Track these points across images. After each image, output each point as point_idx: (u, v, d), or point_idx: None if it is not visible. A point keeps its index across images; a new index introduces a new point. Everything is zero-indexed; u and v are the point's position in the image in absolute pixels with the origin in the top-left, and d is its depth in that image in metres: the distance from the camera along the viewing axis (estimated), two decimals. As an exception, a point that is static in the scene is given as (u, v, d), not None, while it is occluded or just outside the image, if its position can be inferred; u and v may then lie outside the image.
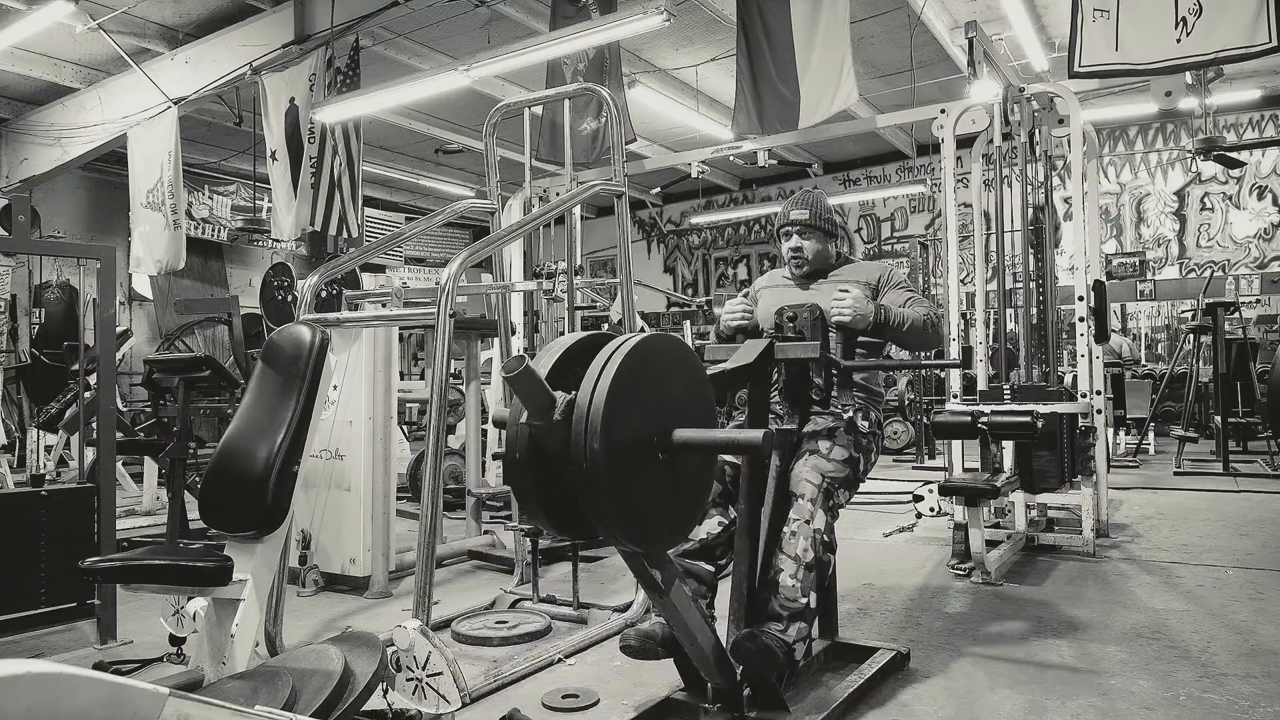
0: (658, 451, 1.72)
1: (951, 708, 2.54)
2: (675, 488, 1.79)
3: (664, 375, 1.78)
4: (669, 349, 1.83)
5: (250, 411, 2.21)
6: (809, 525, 2.42)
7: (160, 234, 7.96)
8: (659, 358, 1.77)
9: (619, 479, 1.63)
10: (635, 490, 1.68)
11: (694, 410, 1.84)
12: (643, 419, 1.70)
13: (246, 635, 2.02)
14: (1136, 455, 8.21)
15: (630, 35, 5.49)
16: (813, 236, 2.95)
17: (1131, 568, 4.16)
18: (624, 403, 1.64)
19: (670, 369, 1.81)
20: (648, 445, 1.70)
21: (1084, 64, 4.41)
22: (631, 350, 1.69)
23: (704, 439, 1.77)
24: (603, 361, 1.68)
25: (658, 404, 1.75)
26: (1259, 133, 10.69)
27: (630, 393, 1.66)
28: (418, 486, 6.09)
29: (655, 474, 1.73)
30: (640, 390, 1.69)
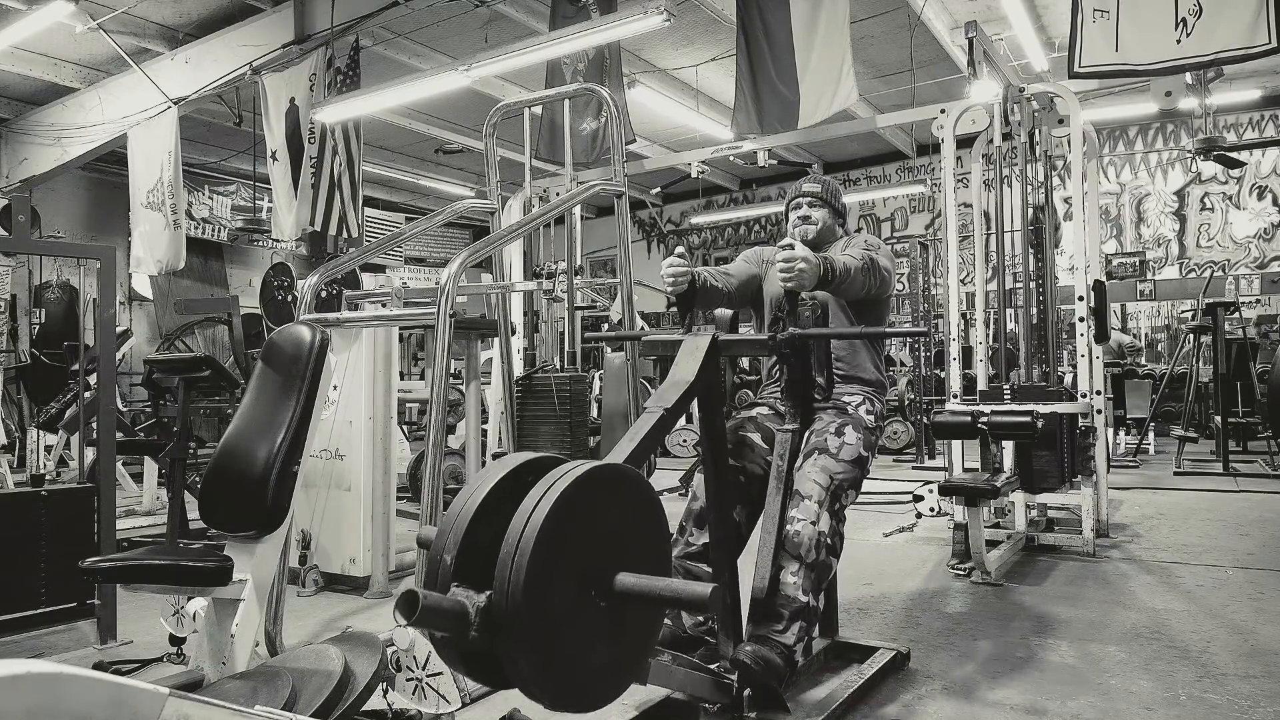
0: (598, 600, 1.49)
1: (951, 707, 2.54)
2: (617, 635, 1.54)
3: (606, 513, 1.52)
4: (611, 482, 1.56)
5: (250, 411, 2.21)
6: (814, 527, 2.41)
7: (160, 234, 7.97)
8: (599, 497, 1.51)
9: (550, 658, 1.42)
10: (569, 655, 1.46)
11: (643, 545, 1.59)
12: (579, 572, 1.47)
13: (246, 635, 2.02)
14: (1136, 455, 8.21)
15: (630, 35, 5.50)
16: (822, 208, 2.94)
17: (1131, 568, 4.16)
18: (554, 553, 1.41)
19: (613, 505, 1.55)
20: (585, 599, 1.47)
21: (1084, 64, 4.41)
22: (561, 496, 1.43)
23: (646, 590, 1.50)
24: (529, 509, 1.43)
25: (598, 549, 1.51)
26: (1259, 133, 10.69)
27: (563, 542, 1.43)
28: (418, 486, 6.10)
29: (591, 625, 1.49)
30: (577, 534, 1.46)
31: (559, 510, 1.41)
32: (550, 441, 3.65)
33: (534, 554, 1.37)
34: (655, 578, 1.52)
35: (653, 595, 1.50)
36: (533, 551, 1.37)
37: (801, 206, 2.95)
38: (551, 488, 1.44)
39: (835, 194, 2.98)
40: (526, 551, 1.37)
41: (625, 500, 1.57)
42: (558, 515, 1.41)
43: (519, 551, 1.38)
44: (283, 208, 7.25)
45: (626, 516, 1.57)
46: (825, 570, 2.44)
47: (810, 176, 3.07)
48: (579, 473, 1.47)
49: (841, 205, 3.01)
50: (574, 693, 1.49)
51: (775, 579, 2.37)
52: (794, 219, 2.96)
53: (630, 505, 1.58)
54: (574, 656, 1.47)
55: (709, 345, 2.12)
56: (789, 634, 2.33)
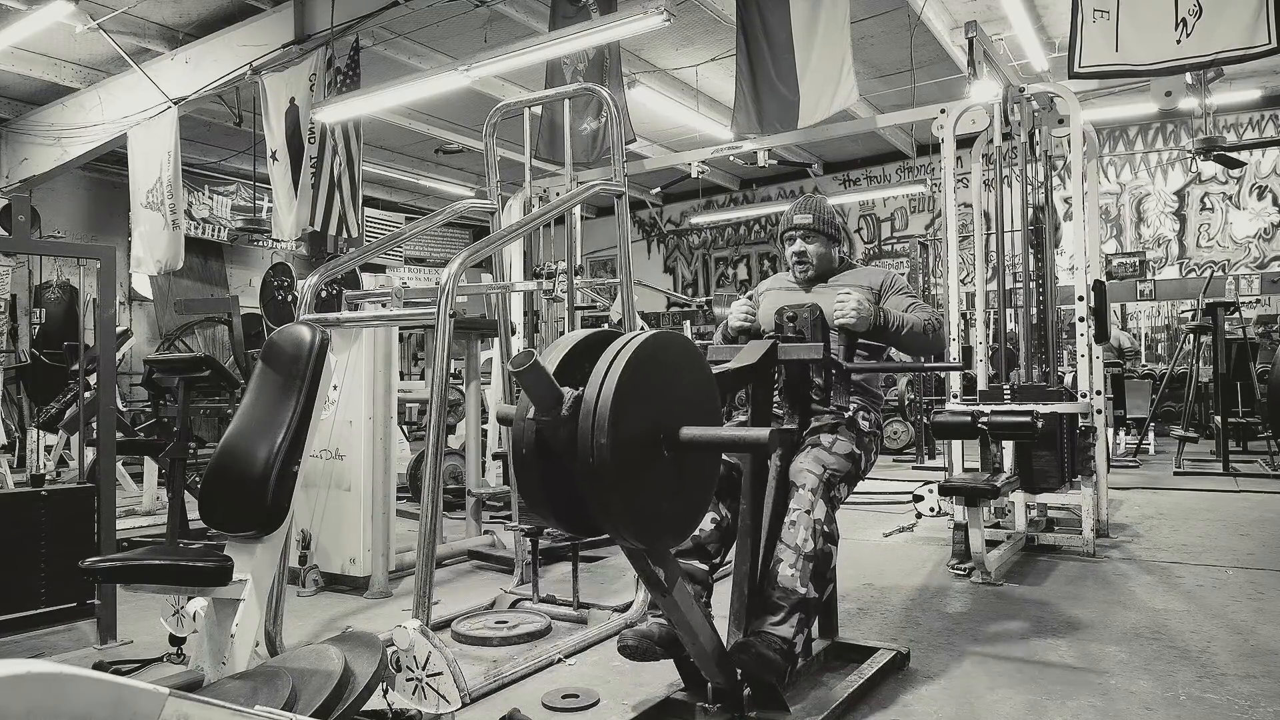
0: (663, 449, 1.71)
1: (951, 708, 2.54)
2: (680, 485, 1.79)
3: (670, 373, 1.78)
4: (676, 347, 1.83)
5: (250, 411, 2.21)
6: (809, 515, 2.41)
7: (159, 234, 7.97)
8: (665, 355, 1.76)
9: (625, 476, 1.63)
10: (641, 488, 1.68)
11: (699, 408, 1.84)
12: (649, 416, 1.69)
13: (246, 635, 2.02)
14: (1136, 455, 8.21)
15: (630, 35, 5.50)
16: (816, 240, 2.95)
17: (1131, 568, 4.16)
18: (631, 400, 1.64)
19: (677, 367, 1.81)
20: (654, 442, 1.70)
21: (1084, 64, 4.41)
22: (638, 348, 1.68)
23: (710, 437, 1.76)
24: (610, 358, 1.67)
25: (664, 401, 1.74)
26: (1259, 133, 10.69)
27: (637, 390, 1.66)
28: (418, 486, 6.10)
29: (661, 471, 1.72)
30: (647, 388, 1.69)
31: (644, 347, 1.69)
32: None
33: (622, 374, 1.63)
34: (714, 428, 1.81)
35: (715, 441, 1.80)
36: (622, 371, 1.63)
37: (795, 240, 2.97)
38: (634, 336, 1.73)
39: (828, 221, 2.97)
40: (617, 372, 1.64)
41: (690, 366, 1.85)
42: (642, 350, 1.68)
43: (609, 372, 1.64)
44: (283, 208, 7.25)
45: (689, 380, 1.84)
46: (825, 560, 2.42)
47: (801, 204, 3.02)
48: (657, 332, 1.79)
49: (835, 228, 3.01)
50: (646, 526, 1.71)
51: (774, 572, 2.37)
52: (789, 255, 2.99)
53: (692, 373, 1.86)
54: (646, 497, 1.69)
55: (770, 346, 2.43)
56: (786, 626, 2.31)
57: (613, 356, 1.67)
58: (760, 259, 14.52)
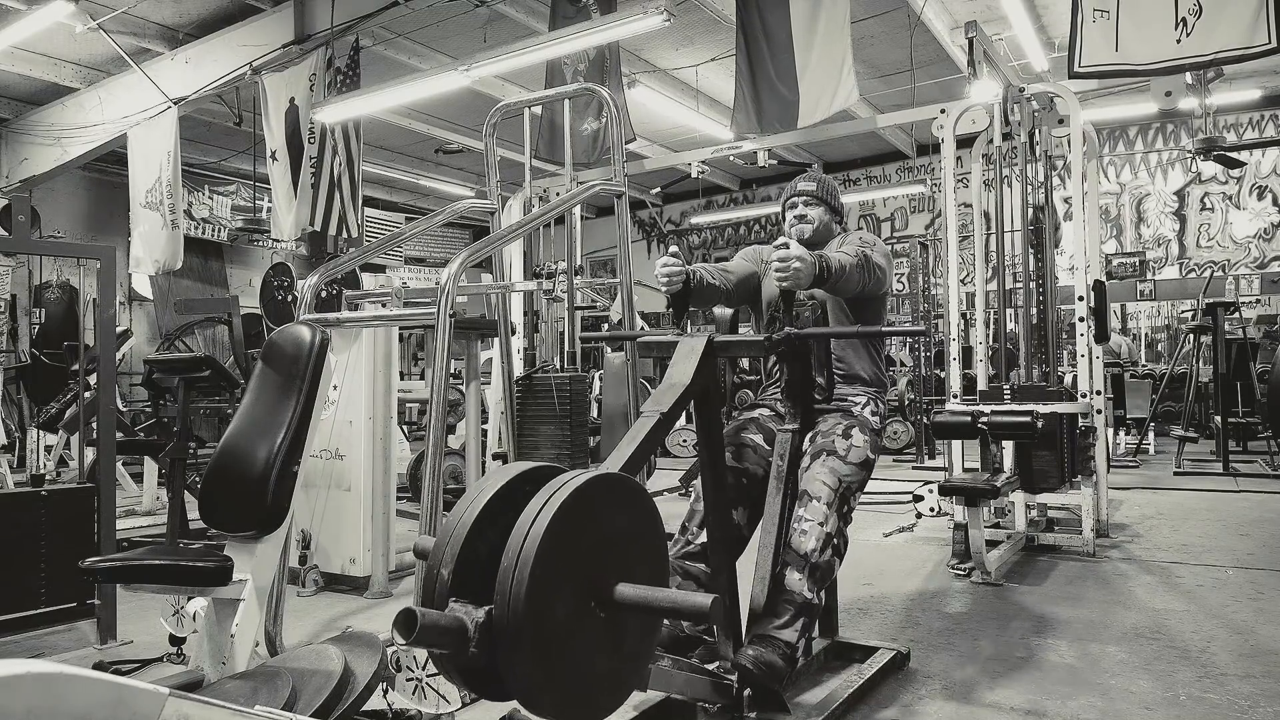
0: (597, 611, 1.49)
1: (951, 707, 2.54)
2: (616, 645, 1.53)
3: (605, 523, 1.53)
4: (614, 490, 1.57)
5: (250, 411, 2.21)
6: (822, 528, 2.41)
7: (158, 234, 7.97)
8: (601, 503, 1.51)
9: (547, 655, 1.41)
10: (568, 662, 1.45)
11: (641, 553, 1.60)
12: (579, 583, 1.46)
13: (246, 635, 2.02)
14: (1136, 455, 8.21)
15: (630, 35, 5.50)
16: (817, 207, 2.93)
17: (1131, 568, 4.16)
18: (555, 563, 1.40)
19: (611, 514, 1.55)
20: (584, 610, 1.47)
21: (1084, 64, 4.41)
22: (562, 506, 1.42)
23: (646, 600, 1.49)
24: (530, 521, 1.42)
25: (598, 559, 1.50)
26: (1259, 133, 10.69)
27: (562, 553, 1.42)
28: (418, 486, 6.09)
29: (592, 636, 1.49)
30: (576, 545, 1.45)
31: (558, 522, 1.40)
32: (550, 441, 3.65)
33: (535, 567, 1.36)
34: (654, 588, 1.52)
35: (653, 606, 1.50)
36: (533, 565, 1.36)
37: (797, 205, 2.94)
38: (550, 499, 1.43)
39: (831, 192, 2.97)
40: (527, 565, 1.37)
41: (623, 509, 1.57)
42: (557, 527, 1.40)
43: (519, 565, 1.37)
44: (282, 208, 7.25)
45: (624, 525, 1.57)
46: (829, 571, 2.44)
47: (806, 175, 3.04)
48: (577, 483, 1.46)
49: (838, 203, 2.99)
50: (577, 704, 1.48)
51: (779, 578, 2.37)
52: (790, 218, 2.95)
53: (628, 514, 1.58)
54: (576, 668, 1.46)
55: (705, 347, 2.09)
56: (790, 630, 2.32)
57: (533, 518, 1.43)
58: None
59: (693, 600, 1.46)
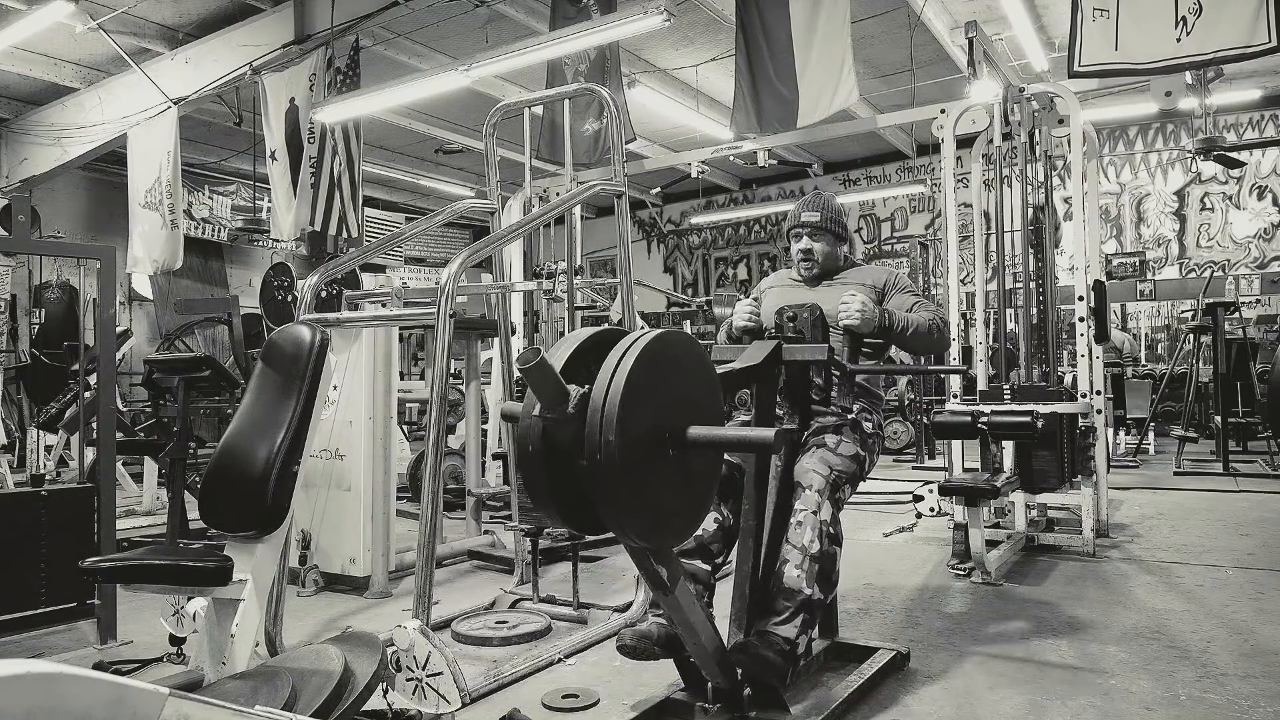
0: (669, 448, 1.72)
1: (951, 708, 2.54)
2: (685, 484, 1.79)
3: (676, 372, 1.78)
4: (682, 346, 1.83)
5: (250, 411, 2.21)
6: (815, 516, 2.41)
7: (157, 234, 7.97)
8: (672, 354, 1.77)
9: (631, 474, 1.63)
10: (647, 486, 1.68)
11: (704, 408, 1.84)
12: (656, 415, 1.70)
13: (246, 635, 2.02)
14: (1136, 455, 8.21)
15: (630, 35, 5.49)
16: (823, 239, 2.95)
17: (1131, 568, 4.16)
18: (638, 399, 1.64)
19: (683, 366, 1.81)
20: (660, 441, 1.70)
21: (1084, 63, 4.41)
22: (646, 346, 1.69)
23: (717, 436, 1.77)
24: (618, 357, 1.67)
25: (670, 400, 1.74)
26: (1259, 133, 10.68)
27: (644, 389, 1.66)
28: (418, 486, 6.09)
29: (666, 470, 1.73)
30: (654, 387, 1.69)
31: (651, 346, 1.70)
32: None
33: (630, 372, 1.63)
34: (720, 428, 1.82)
35: (721, 441, 1.80)
36: (630, 369, 1.64)
37: (802, 238, 2.98)
38: (641, 335, 1.74)
39: (835, 219, 2.98)
40: (625, 371, 1.64)
41: (696, 366, 1.86)
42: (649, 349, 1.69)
43: (617, 370, 1.64)
44: (282, 208, 7.25)
45: (694, 380, 1.84)
46: (830, 561, 2.42)
47: (809, 201, 3.03)
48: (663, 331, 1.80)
49: (843, 228, 3.01)
50: (651, 525, 1.72)
51: (778, 572, 2.37)
52: (796, 253, 3.00)
53: (698, 373, 1.86)
54: (652, 495, 1.69)
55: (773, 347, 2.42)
56: (790, 626, 2.32)
57: (620, 355, 1.67)
58: (760, 259, 14.51)
59: (759, 433, 1.78)
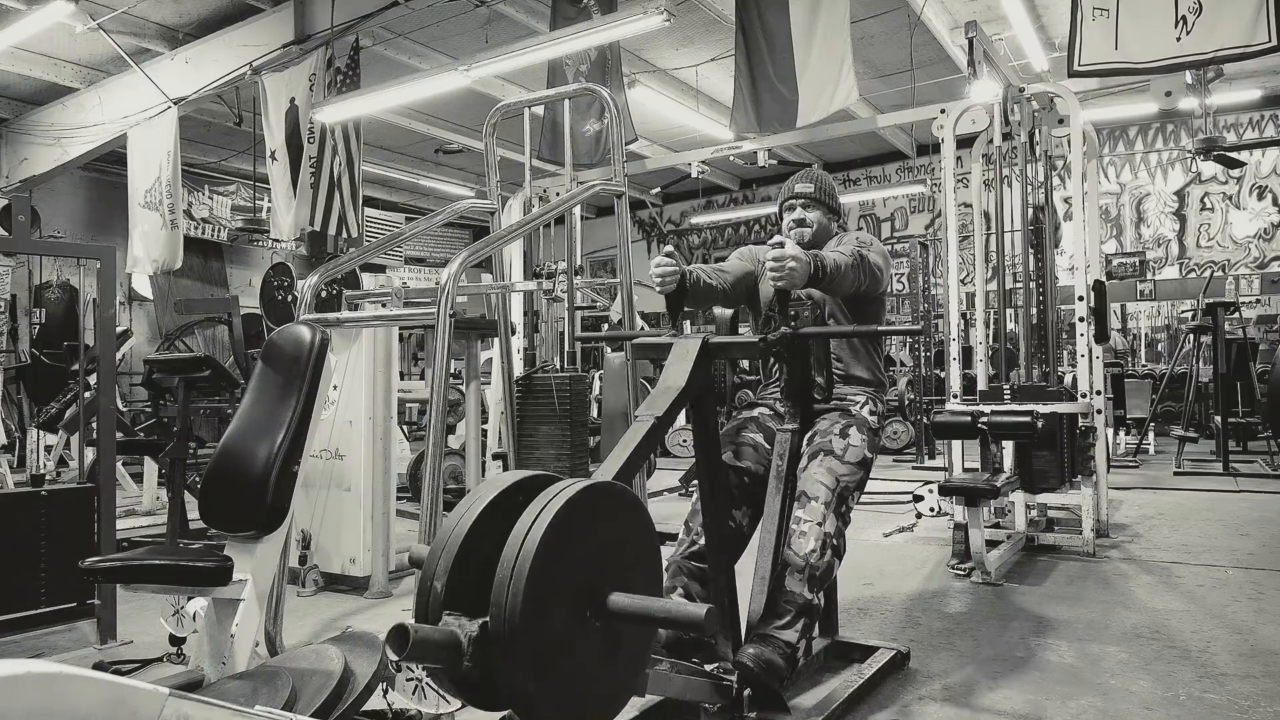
0: (593, 621, 1.49)
1: (951, 707, 2.54)
2: (611, 655, 1.54)
3: (599, 532, 1.53)
4: (603, 501, 1.56)
5: (250, 411, 2.21)
6: (820, 528, 2.41)
7: (157, 234, 7.96)
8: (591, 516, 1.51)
9: (548, 682, 1.41)
10: (564, 672, 1.45)
11: (635, 562, 1.60)
12: (574, 594, 1.46)
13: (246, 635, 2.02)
14: (1136, 455, 8.21)
15: (630, 35, 5.49)
16: (815, 209, 2.91)
17: (1131, 568, 4.16)
18: (547, 602, 1.41)
19: (605, 523, 1.55)
20: (579, 619, 1.47)
21: (1084, 63, 4.41)
22: (550, 531, 1.41)
23: (641, 610, 1.49)
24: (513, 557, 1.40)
25: (592, 569, 1.50)
26: (1259, 133, 10.68)
27: (556, 582, 1.42)
28: (418, 486, 6.09)
29: (587, 646, 1.49)
30: (570, 566, 1.45)
31: (551, 534, 1.40)
32: (550, 441, 3.65)
33: (529, 581, 1.37)
34: (649, 598, 1.52)
35: (647, 616, 1.49)
36: (528, 579, 1.37)
37: (795, 208, 2.92)
38: (543, 510, 1.43)
39: (829, 192, 2.94)
40: (521, 579, 1.37)
41: (616, 518, 1.57)
42: (550, 538, 1.40)
43: (513, 579, 1.38)
44: (282, 208, 7.24)
45: (618, 534, 1.57)
46: (829, 572, 2.44)
47: (803, 174, 2.98)
48: (569, 494, 1.46)
49: (836, 203, 2.97)
50: (573, 715, 1.48)
51: (780, 578, 2.37)
52: (788, 221, 2.92)
53: (621, 523, 1.58)
54: (572, 679, 1.46)
55: (699, 348, 2.08)
56: (791, 631, 2.33)
57: (520, 545, 1.41)
58: (760, 259, 14.51)
59: (687, 611, 1.47)
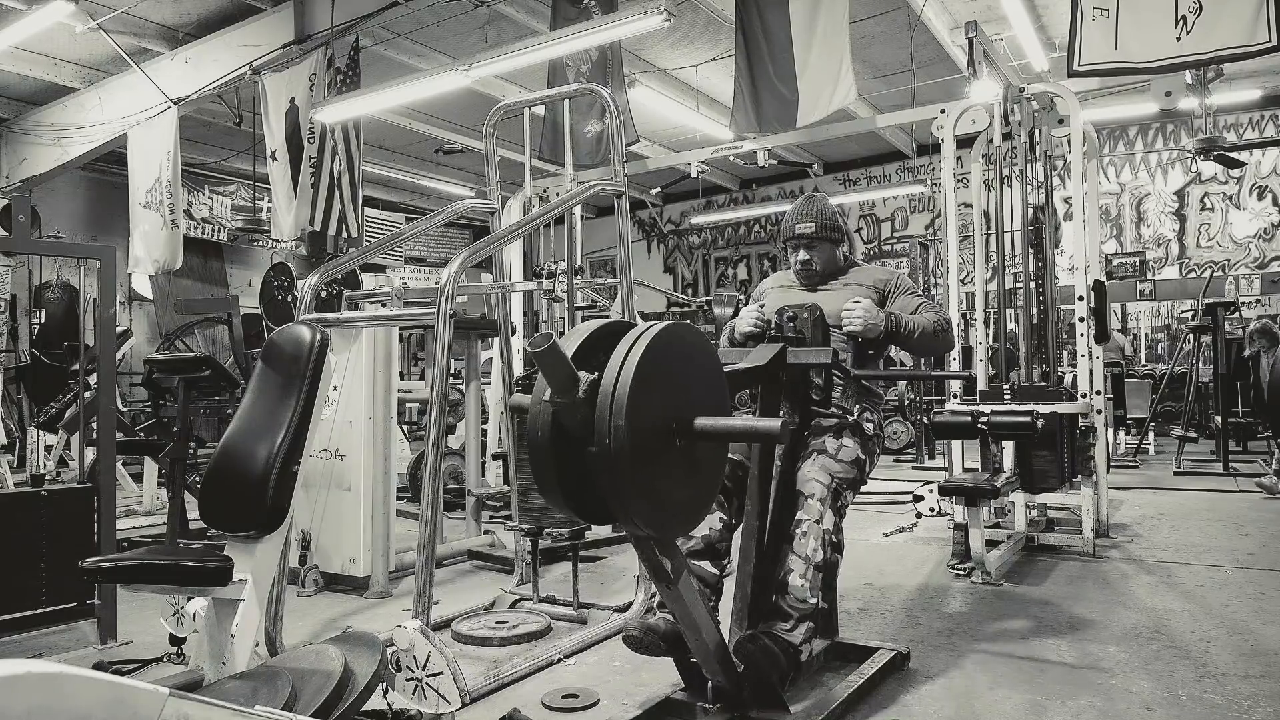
0: (676, 437, 1.73)
1: (951, 708, 2.54)
2: (691, 475, 1.81)
3: (684, 363, 1.80)
4: (690, 338, 1.85)
5: (250, 411, 2.21)
6: (819, 525, 2.43)
7: (158, 234, 7.97)
8: (681, 346, 1.79)
9: (639, 462, 1.64)
10: (654, 475, 1.69)
11: (710, 399, 1.85)
12: (664, 405, 1.71)
13: (246, 635, 2.02)
14: (1136, 455, 8.21)
15: (630, 35, 5.49)
16: (819, 248, 2.94)
17: (1131, 568, 4.16)
18: (647, 387, 1.65)
19: (691, 358, 1.82)
20: (667, 431, 1.72)
21: (1084, 63, 4.41)
22: (655, 337, 1.71)
23: (724, 427, 1.78)
24: (627, 346, 1.69)
25: (678, 391, 1.76)
26: (1259, 133, 10.68)
27: (653, 378, 1.67)
28: (418, 486, 6.09)
29: (673, 460, 1.74)
30: (662, 376, 1.71)
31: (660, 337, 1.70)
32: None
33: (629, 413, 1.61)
34: (727, 419, 1.85)
35: (728, 431, 1.81)
36: (640, 358, 1.64)
37: (799, 250, 2.96)
38: (651, 327, 1.74)
39: (830, 225, 2.95)
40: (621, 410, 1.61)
41: (703, 358, 1.88)
42: (659, 340, 1.69)
43: (614, 410, 1.61)
44: (282, 208, 7.24)
45: (701, 372, 1.85)
46: (832, 569, 2.47)
47: (801, 210, 2.99)
48: (672, 323, 1.79)
49: (839, 233, 2.99)
50: (657, 514, 1.73)
51: (784, 581, 2.39)
52: (794, 263, 2.99)
53: (705, 365, 1.87)
54: (659, 484, 1.71)
55: (779, 349, 2.41)
56: (796, 634, 2.35)
57: (630, 345, 1.69)
58: (760, 259, 14.52)
59: (765, 423, 1.82)
